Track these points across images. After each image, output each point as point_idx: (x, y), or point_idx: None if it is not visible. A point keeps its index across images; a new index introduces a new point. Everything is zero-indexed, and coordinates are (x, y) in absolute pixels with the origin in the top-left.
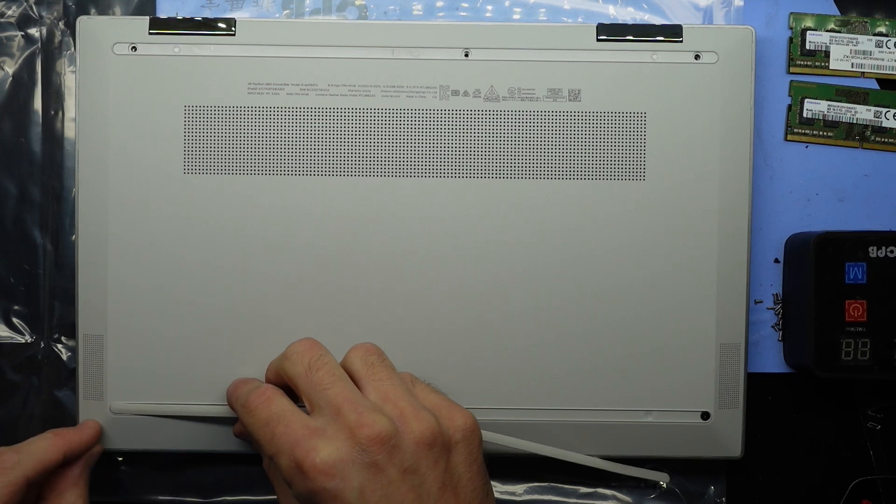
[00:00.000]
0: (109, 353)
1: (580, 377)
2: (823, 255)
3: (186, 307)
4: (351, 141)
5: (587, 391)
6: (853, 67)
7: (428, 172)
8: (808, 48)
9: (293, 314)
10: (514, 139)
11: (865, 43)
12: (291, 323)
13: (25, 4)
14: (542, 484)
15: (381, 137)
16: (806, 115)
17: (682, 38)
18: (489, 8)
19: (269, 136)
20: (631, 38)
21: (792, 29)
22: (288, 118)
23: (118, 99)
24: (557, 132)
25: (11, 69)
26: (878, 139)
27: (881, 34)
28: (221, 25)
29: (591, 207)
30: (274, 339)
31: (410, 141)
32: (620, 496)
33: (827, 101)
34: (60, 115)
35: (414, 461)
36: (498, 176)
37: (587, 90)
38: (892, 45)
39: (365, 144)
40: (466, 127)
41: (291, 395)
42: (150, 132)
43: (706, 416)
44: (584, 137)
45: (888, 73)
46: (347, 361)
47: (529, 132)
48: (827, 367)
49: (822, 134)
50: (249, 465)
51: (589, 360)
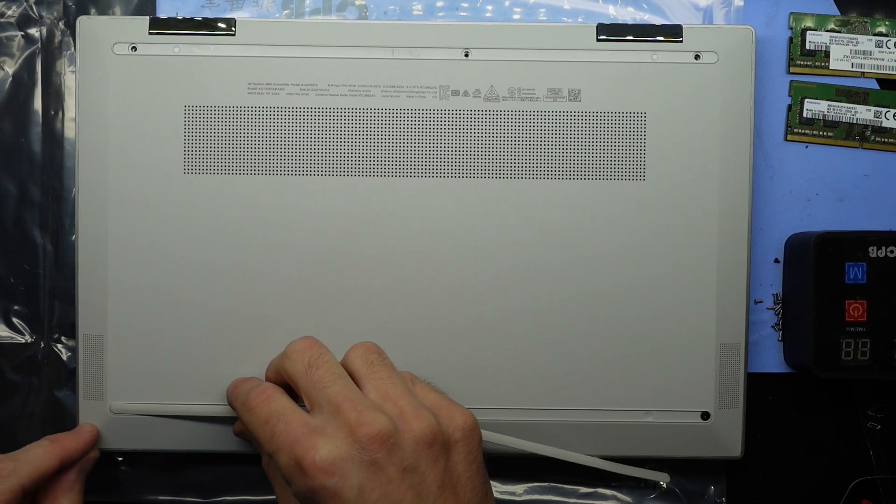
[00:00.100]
0: (109, 353)
1: (580, 377)
2: (823, 255)
3: (186, 307)
4: (351, 141)
5: (587, 391)
6: (853, 67)
7: (428, 172)
8: (808, 48)
9: (293, 314)
10: (514, 139)
11: (865, 43)
12: (291, 323)
13: (25, 4)
14: (542, 484)
15: (381, 137)
16: (806, 115)
17: (682, 38)
18: (489, 8)
19: (269, 136)
20: (631, 38)
21: (792, 29)
22: (288, 118)
23: (118, 99)
24: (557, 132)
25: (11, 69)
26: (878, 139)
27: (881, 34)
28: (221, 25)
29: (591, 207)
30: (274, 339)
31: (410, 141)
32: (620, 496)
33: (827, 101)
34: (60, 115)
35: (413, 460)
36: (498, 176)
37: (587, 90)
38: (892, 45)
39: (365, 144)
40: (466, 127)
41: (292, 394)
42: (150, 132)
43: (706, 416)
44: (584, 137)
45: (888, 73)
46: (347, 360)
47: (529, 132)
48: (827, 367)
49: (822, 134)
50: (249, 465)
51: (589, 360)
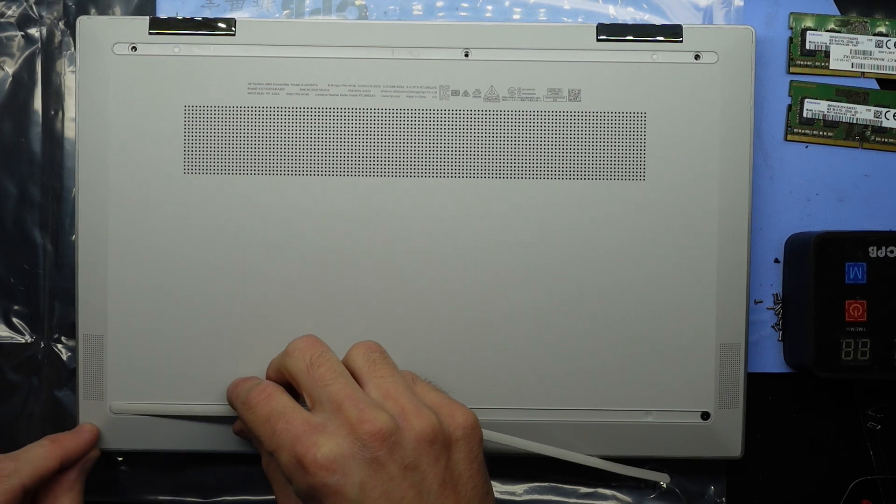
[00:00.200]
0: (109, 353)
1: (580, 377)
2: (823, 255)
3: (186, 307)
4: (351, 141)
5: (587, 391)
6: (853, 67)
7: (428, 172)
8: (808, 48)
9: (293, 314)
10: (514, 139)
11: (865, 43)
12: (291, 323)
13: (25, 4)
14: (542, 484)
15: (381, 137)
16: (806, 115)
17: (682, 38)
18: (489, 8)
19: (269, 136)
20: (631, 38)
21: (792, 29)
22: (288, 118)
23: (118, 99)
24: (557, 132)
25: (11, 69)
26: (878, 139)
27: (881, 34)
28: (221, 25)
29: (591, 207)
30: (274, 338)
31: (410, 141)
32: (620, 496)
33: (827, 101)
34: (60, 115)
35: (415, 458)
36: (498, 176)
37: (587, 90)
38: (892, 45)
39: (365, 144)
40: (466, 127)
41: (292, 393)
42: (150, 132)
43: (706, 416)
44: (584, 137)
45: (888, 73)
46: (349, 359)
47: (529, 132)
48: (827, 367)
49: (822, 134)
50: (249, 465)
51: (589, 360)
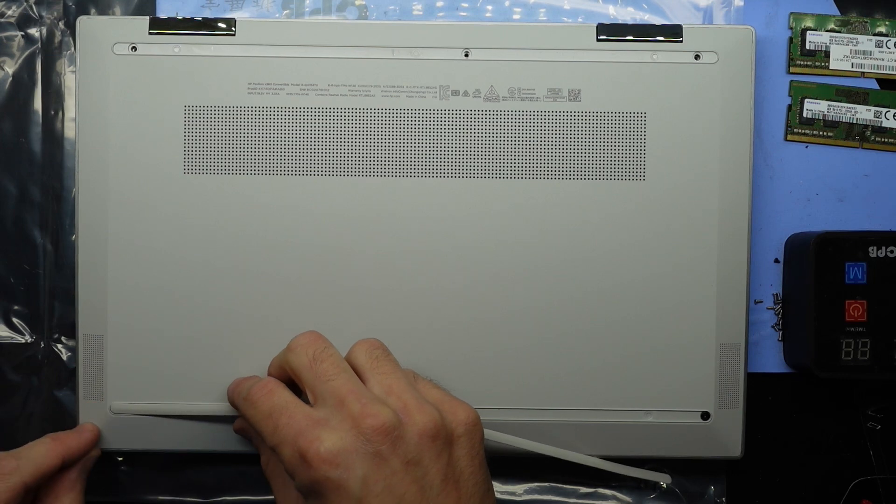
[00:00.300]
0: (109, 353)
1: (580, 377)
2: (823, 255)
3: (186, 307)
4: (351, 141)
5: (587, 391)
6: (853, 67)
7: (428, 172)
8: (808, 48)
9: (293, 314)
10: (514, 139)
11: (865, 43)
12: (292, 323)
13: (25, 4)
14: (542, 484)
15: (381, 137)
16: (806, 115)
17: (682, 38)
18: (489, 8)
19: (269, 136)
20: (631, 38)
21: (792, 29)
22: (288, 118)
23: (118, 99)
24: (557, 132)
25: (11, 69)
26: (878, 139)
27: (881, 34)
28: (221, 25)
29: (591, 207)
30: (274, 338)
31: (410, 141)
32: (620, 496)
33: (827, 101)
34: (60, 115)
35: (417, 453)
36: (498, 176)
37: (587, 90)
38: (892, 45)
39: (365, 144)
40: (466, 127)
41: (295, 391)
42: (150, 132)
43: (706, 416)
44: (584, 137)
45: (888, 73)
46: (352, 355)
47: (529, 132)
48: (827, 367)
49: (822, 134)
50: (249, 465)
51: (589, 360)
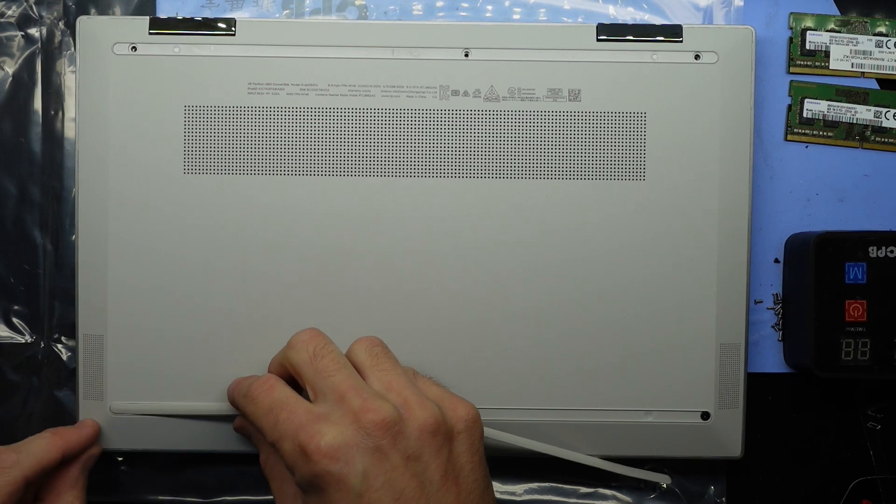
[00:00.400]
0: (109, 353)
1: (580, 377)
2: (823, 255)
3: (186, 307)
4: (351, 141)
5: (587, 391)
6: (853, 67)
7: (428, 172)
8: (808, 48)
9: (293, 314)
10: (514, 139)
11: (865, 43)
12: (291, 323)
13: (25, 4)
14: (542, 484)
15: (381, 137)
16: (806, 115)
17: (682, 38)
18: (489, 8)
19: (269, 136)
20: (631, 38)
21: (792, 29)
22: (288, 118)
23: (118, 99)
24: (557, 132)
25: (11, 69)
26: (878, 139)
27: (881, 34)
28: (221, 25)
29: (591, 207)
30: (274, 338)
31: (410, 141)
32: (620, 496)
33: (827, 101)
34: (60, 115)
35: (417, 448)
36: (498, 176)
37: (587, 90)
38: (892, 45)
39: (365, 144)
40: (466, 127)
41: (295, 388)
42: (150, 132)
43: (706, 416)
44: (584, 137)
45: (888, 73)
46: (352, 352)
47: (529, 132)
48: (827, 367)
49: (822, 134)
50: (249, 464)
51: (589, 360)
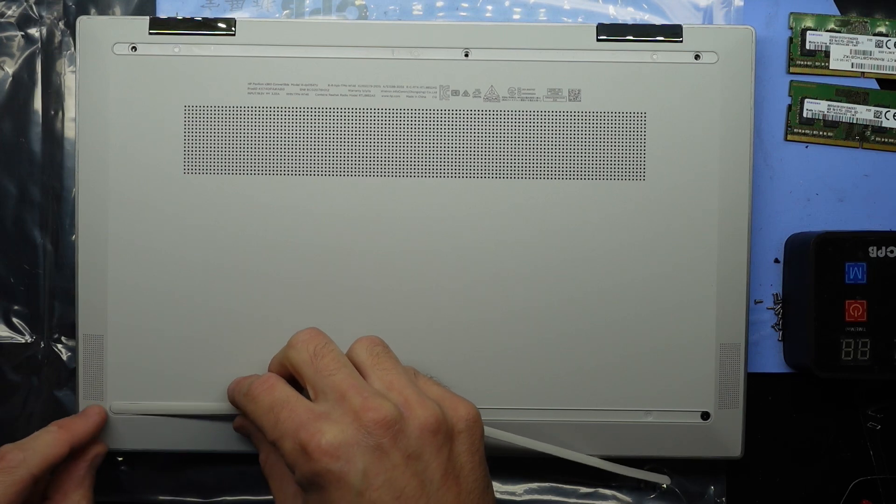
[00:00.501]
0: (109, 353)
1: (580, 377)
2: (823, 255)
3: (186, 307)
4: (351, 141)
5: (587, 391)
6: (853, 67)
7: (428, 172)
8: (808, 48)
9: (293, 314)
10: (514, 139)
11: (865, 43)
12: (291, 323)
13: (25, 4)
14: (542, 484)
15: (381, 137)
16: (806, 115)
17: (682, 38)
18: (489, 8)
19: (269, 136)
20: (631, 38)
21: (792, 29)
22: (288, 118)
23: (118, 99)
24: (557, 132)
25: (11, 69)
26: (878, 139)
27: (881, 34)
28: (221, 25)
29: (591, 207)
30: (274, 338)
31: (410, 141)
32: (620, 496)
33: (827, 101)
34: (60, 115)
35: (418, 447)
36: (498, 176)
37: (587, 90)
38: (892, 45)
39: (365, 144)
40: (466, 127)
41: (295, 388)
42: (150, 132)
43: (706, 416)
44: (584, 137)
45: (888, 73)
46: (352, 352)
47: (529, 132)
48: (827, 367)
49: (822, 134)
50: (249, 464)
51: (589, 360)
